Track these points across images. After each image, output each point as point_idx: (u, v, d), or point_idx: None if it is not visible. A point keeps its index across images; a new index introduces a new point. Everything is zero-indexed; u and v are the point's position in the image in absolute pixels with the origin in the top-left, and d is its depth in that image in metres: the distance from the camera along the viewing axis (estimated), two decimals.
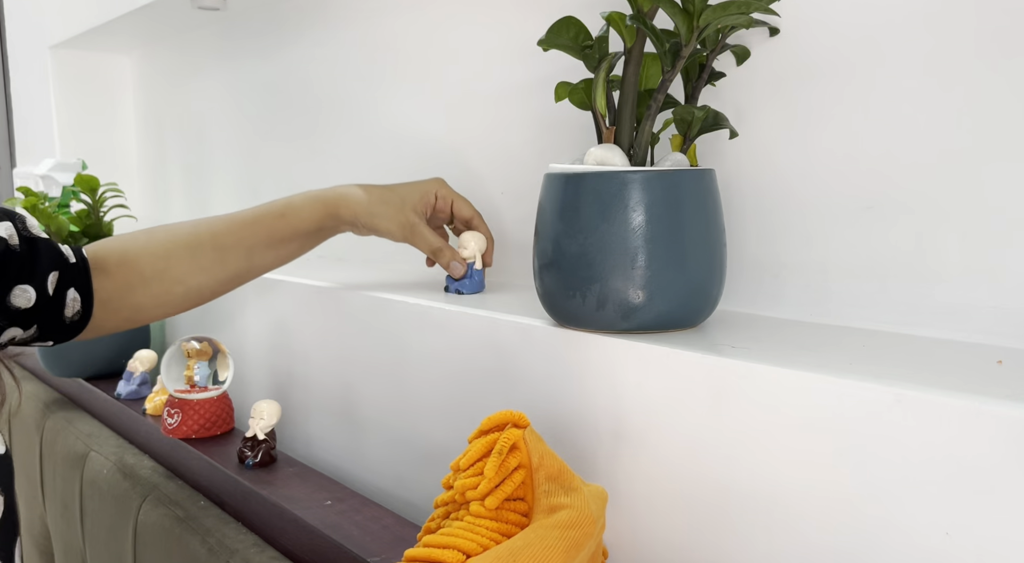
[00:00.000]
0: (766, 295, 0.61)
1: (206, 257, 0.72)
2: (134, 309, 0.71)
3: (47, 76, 1.60)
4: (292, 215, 0.74)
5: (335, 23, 1.04)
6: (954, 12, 0.50)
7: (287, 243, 0.75)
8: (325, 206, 0.74)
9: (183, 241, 0.72)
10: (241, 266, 0.74)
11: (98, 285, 0.69)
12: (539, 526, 0.44)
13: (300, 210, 0.74)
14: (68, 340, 0.69)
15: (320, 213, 0.74)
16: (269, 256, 0.75)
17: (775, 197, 0.60)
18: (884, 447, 0.41)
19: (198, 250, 0.72)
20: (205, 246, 0.72)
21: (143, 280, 0.70)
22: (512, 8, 0.79)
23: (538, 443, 0.48)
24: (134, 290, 0.70)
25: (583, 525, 0.45)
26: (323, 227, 0.75)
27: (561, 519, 0.45)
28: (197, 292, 0.73)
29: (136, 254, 0.71)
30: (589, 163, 0.54)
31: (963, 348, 0.49)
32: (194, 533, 0.75)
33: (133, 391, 1.04)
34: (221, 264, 0.73)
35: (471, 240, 0.74)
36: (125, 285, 0.70)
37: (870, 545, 0.41)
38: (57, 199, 1.32)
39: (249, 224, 0.73)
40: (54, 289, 0.65)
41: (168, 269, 0.71)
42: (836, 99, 0.56)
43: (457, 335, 0.66)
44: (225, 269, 0.73)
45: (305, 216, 0.74)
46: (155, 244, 0.71)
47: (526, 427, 0.48)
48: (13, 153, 1.93)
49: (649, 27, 0.51)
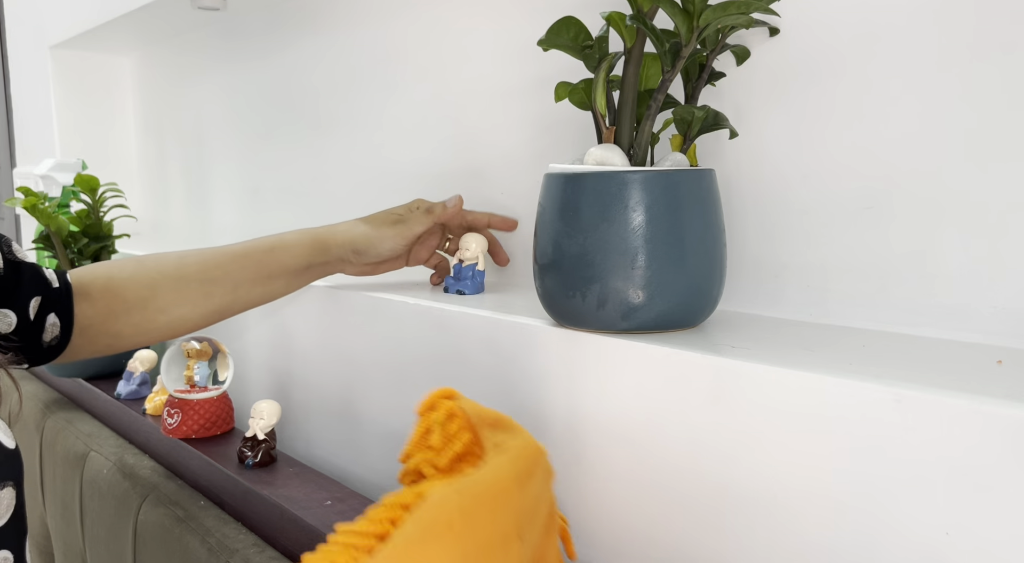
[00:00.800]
0: (766, 295, 0.61)
1: (192, 289, 0.71)
2: (114, 336, 0.70)
3: (47, 76, 1.60)
4: (281, 251, 0.73)
5: (335, 24, 1.04)
6: (954, 12, 0.50)
7: (274, 279, 0.74)
8: (314, 240, 0.73)
9: (170, 272, 0.71)
10: (226, 300, 0.73)
11: (80, 311, 0.68)
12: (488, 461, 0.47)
13: (290, 246, 0.73)
14: (43, 364, 0.68)
15: (309, 248, 0.73)
16: (255, 292, 0.74)
17: (775, 197, 0.60)
18: (884, 447, 0.41)
19: (184, 282, 0.71)
20: (191, 278, 0.71)
21: (126, 308, 0.70)
22: (512, 8, 0.79)
23: (473, 406, 0.50)
24: (116, 318, 0.70)
25: (528, 453, 0.47)
26: (311, 264, 0.74)
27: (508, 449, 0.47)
28: (180, 323, 0.72)
29: (122, 282, 0.70)
30: (589, 163, 0.54)
31: (963, 348, 0.49)
32: (194, 533, 0.75)
33: (133, 391, 1.04)
34: (206, 297, 0.72)
35: (472, 241, 0.74)
36: (107, 312, 0.69)
37: (870, 545, 0.41)
38: (57, 199, 1.32)
39: (238, 258, 0.72)
40: (35, 314, 0.65)
41: (152, 299, 0.70)
42: (836, 99, 0.56)
43: (457, 335, 0.66)
44: (210, 302, 0.72)
45: (295, 253, 0.73)
46: (142, 273, 0.71)
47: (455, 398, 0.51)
48: (13, 153, 1.93)
49: (649, 27, 0.51)
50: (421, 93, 0.92)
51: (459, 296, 0.72)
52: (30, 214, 1.14)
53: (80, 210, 1.20)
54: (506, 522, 0.44)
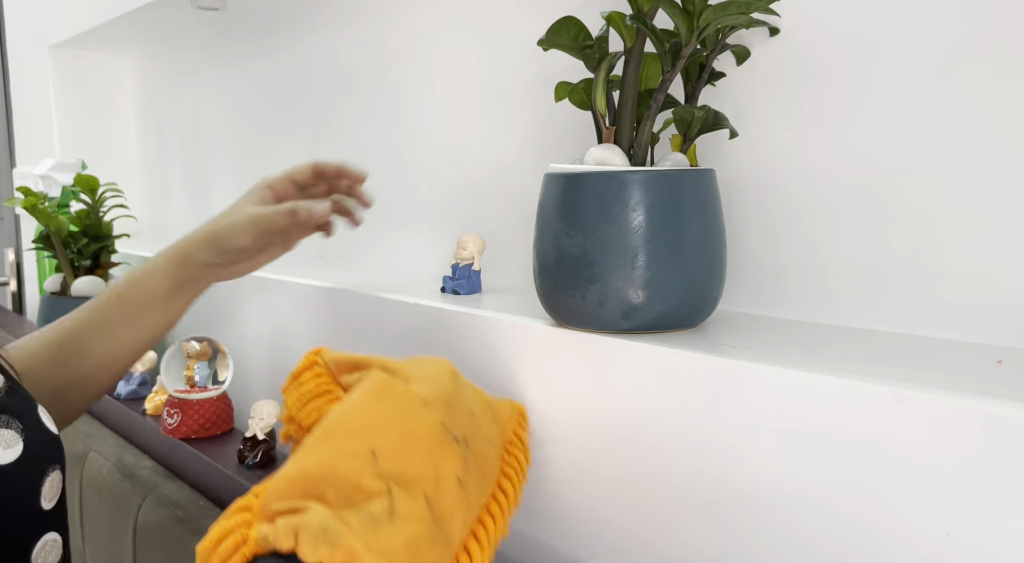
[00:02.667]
0: (766, 295, 0.61)
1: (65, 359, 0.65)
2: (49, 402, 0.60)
3: (47, 76, 1.60)
4: (144, 281, 0.67)
5: (335, 23, 1.04)
6: (954, 12, 0.50)
7: (150, 311, 0.67)
8: (172, 255, 0.67)
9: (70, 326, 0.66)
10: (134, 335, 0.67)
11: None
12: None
13: (152, 272, 0.67)
14: None
15: (170, 267, 0.67)
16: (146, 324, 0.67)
17: (775, 197, 0.60)
18: (884, 447, 0.41)
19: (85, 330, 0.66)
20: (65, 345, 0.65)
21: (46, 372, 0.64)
22: (512, 8, 0.79)
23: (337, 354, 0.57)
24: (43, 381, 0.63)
25: (377, 382, 0.51)
26: (179, 282, 0.67)
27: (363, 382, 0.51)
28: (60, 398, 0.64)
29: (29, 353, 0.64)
30: (589, 163, 0.54)
31: (963, 348, 0.49)
32: (194, 533, 0.75)
33: (133, 391, 1.04)
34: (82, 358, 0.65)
35: (469, 241, 0.74)
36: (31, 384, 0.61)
37: (870, 544, 0.41)
38: (57, 199, 1.32)
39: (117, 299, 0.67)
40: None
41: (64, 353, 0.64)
42: (836, 99, 0.56)
43: (457, 335, 0.66)
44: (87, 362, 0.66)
45: (158, 277, 0.67)
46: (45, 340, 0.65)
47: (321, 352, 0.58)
48: (13, 153, 1.93)
49: (649, 27, 0.51)
50: (421, 93, 0.92)
51: (459, 296, 0.72)
52: (30, 214, 1.14)
53: (80, 210, 1.20)
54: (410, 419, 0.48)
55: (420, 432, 0.47)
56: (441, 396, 0.50)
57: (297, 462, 0.45)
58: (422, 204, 0.93)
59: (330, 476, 0.44)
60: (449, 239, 0.87)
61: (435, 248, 0.91)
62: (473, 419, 0.52)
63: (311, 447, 0.46)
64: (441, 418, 0.49)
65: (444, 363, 0.55)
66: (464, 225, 0.86)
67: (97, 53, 1.59)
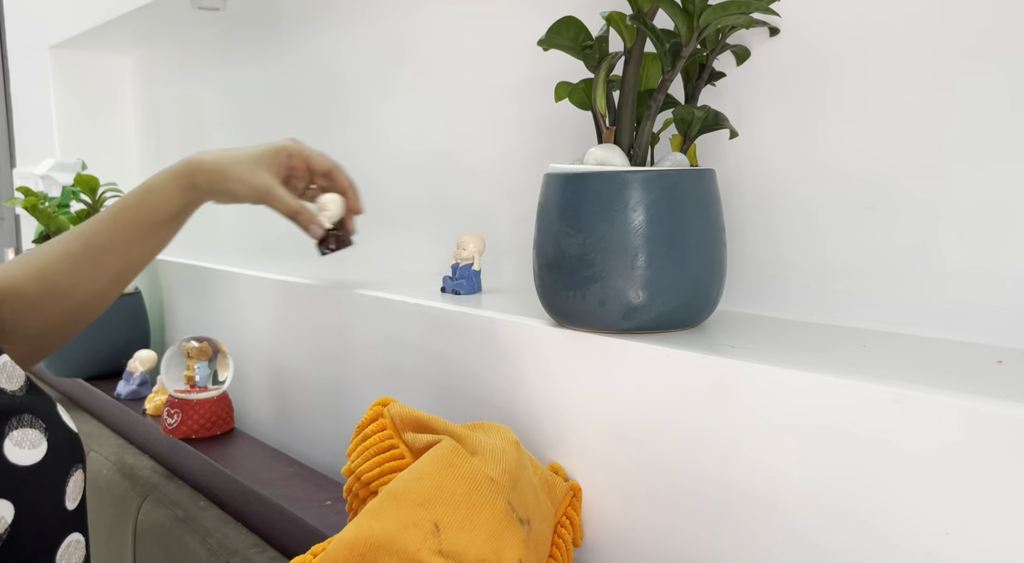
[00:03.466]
0: (766, 295, 0.61)
1: (83, 265, 0.70)
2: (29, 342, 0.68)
3: (47, 76, 1.60)
4: (152, 200, 0.72)
5: (335, 23, 1.04)
6: (954, 12, 0.50)
7: (158, 228, 0.73)
8: (181, 179, 0.73)
9: (57, 256, 0.70)
10: (120, 264, 0.72)
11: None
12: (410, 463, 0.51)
13: (159, 192, 0.72)
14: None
15: (180, 187, 0.72)
16: (145, 246, 0.73)
17: (776, 197, 0.60)
18: (884, 447, 0.41)
19: (72, 259, 0.69)
20: (79, 255, 0.70)
21: (29, 305, 0.68)
22: (512, 8, 0.79)
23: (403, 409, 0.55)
24: (24, 317, 0.67)
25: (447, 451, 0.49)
26: (188, 202, 0.73)
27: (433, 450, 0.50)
28: (87, 302, 0.71)
29: (16, 282, 0.68)
30: (589, 163, 0.54)
31: (963, 348, 0.49)
32: (194, 533, 0.75)
33: (133, 391, 1.04)
34: (100, 267, 0.70)
35: (469, 241, 0.74)
36: (13, 318, 0.67)
37: (870, 544, 0.41)
38: (57, 199, 1.32)
39: (113, 221, 0.71)
40: None
41: (53, 286, 0.68)
42: (836, 99, 0.56)
43: (457, 335, 0.66)
44: (105, 271, 0.71)
45: (166, 196, 0.72)
46: (32, 268, 0.69)
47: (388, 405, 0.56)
48: (13, 153, 1.93)
49: (649, 27, 0.51)
50: (421, 92, 0.92)
51: (459, 296, 0.72)
52: (30, 214, 1.14)
53: (80, 210, 1.20)
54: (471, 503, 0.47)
55: (486, 511, 0.47)
56: (508, 472, 0.49)
57: (359, 526, 0.45)
58: (422, 204, 0.93)
59: (391, 544, 0.43)
60: (449, 239, 0.87)
61: (435, 248, 0.91)
62: (536, 498, 0.51)
63: (374, 511, 0.46)
64: (508, 497, 0.48)
65: (508, 433, 0.54)
66: (464, 225, 0.86)
67: (97, 53, 1.59)
